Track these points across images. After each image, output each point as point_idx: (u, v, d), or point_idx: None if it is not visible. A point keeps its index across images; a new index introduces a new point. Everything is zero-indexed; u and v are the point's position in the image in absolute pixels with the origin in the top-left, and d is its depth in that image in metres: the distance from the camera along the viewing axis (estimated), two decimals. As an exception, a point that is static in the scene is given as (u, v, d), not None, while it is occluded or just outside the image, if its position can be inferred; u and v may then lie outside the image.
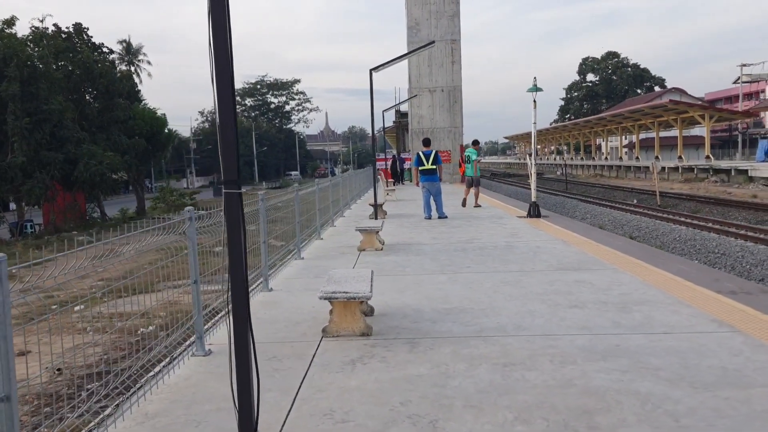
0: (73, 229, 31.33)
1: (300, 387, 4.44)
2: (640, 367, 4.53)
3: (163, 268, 5.15)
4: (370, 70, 14.03)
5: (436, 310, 6.46)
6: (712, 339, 5.13)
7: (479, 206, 18.47)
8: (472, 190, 18.61)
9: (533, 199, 15.38)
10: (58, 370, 7.33)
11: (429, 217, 15.66)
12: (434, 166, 15.50)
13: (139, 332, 8.12)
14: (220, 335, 5.79)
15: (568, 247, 10.31)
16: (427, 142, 16.33)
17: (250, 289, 7.52)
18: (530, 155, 15.99)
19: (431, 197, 15.72)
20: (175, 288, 6.44)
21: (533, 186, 15.55)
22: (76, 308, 9.09)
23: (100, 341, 8.00)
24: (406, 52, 25.58)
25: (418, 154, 15.96)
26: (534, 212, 15.06)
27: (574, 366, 4.60)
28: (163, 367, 4.89)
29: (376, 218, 14.35)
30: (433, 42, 17.00)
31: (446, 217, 15.62)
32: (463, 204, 18.80)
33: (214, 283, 7.20)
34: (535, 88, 15.04)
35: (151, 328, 7.71)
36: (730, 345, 4.96)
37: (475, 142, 19.67)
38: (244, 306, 2.91)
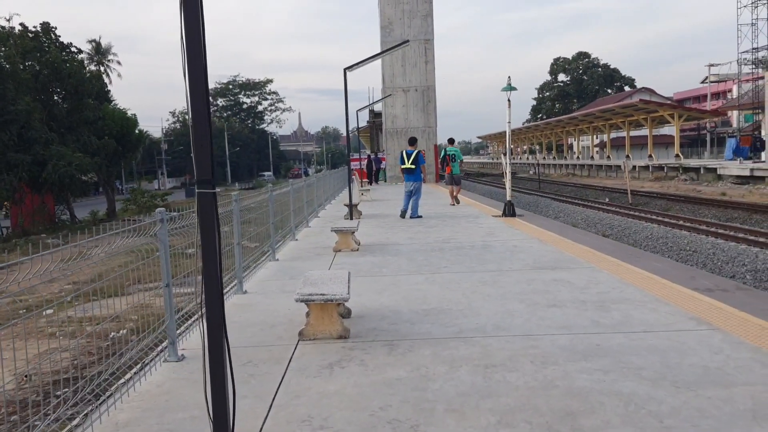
0: (41, 231, 30.70)
1: (276, 393, 4.32)
2: (622, 367, 4.49)
3: (135, 271, 4.99)
4: (344, 69, 13.91)
5: (415, 311, 6.37)
6: (691, 337, 5.11)
7: (454, 204, 18.96)
8: (456, 188, 19.14)
9: (508, 199, 15.38)
10: (26, 376, 7.11)
11: (402, 216, 15.63)
12: (413, 166, 15.55)
13: (110, 336, 7.92)
14: (194, 340, 5.63)
15: (545, 246, 10.31)
16: (411, 141, 16.42)
17: (224, 292, 7.37)
18: (505, 154, 15.99)
19: (410, 195, 15.74)
20: (147, 291, 6.27)
21: (508, 185, 15.56)
22: (45, 312, 8.86)
23: (70, 346, 7.78)
24: (379, 51, 25.48)
25: (401, 153, 16.09)
26: (509, 211, 15.07)
27: (555, 367, 4.54)
28: (135, 374, 4.73)
29: (351, 219, 14.23)
30: (407, 41, 16.95)
31: (420, 217, 15.59)
32: (457, 202, 19.29)
33: (186, 285, 7.03)
34: (510, 87, 15.05)
35: (123, 331, 7.52)
36: (709, 343, 4.95)
37: (451, 141, 19.97)
38: (218, 310, 2.79)
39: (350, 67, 13.83)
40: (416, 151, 15.86)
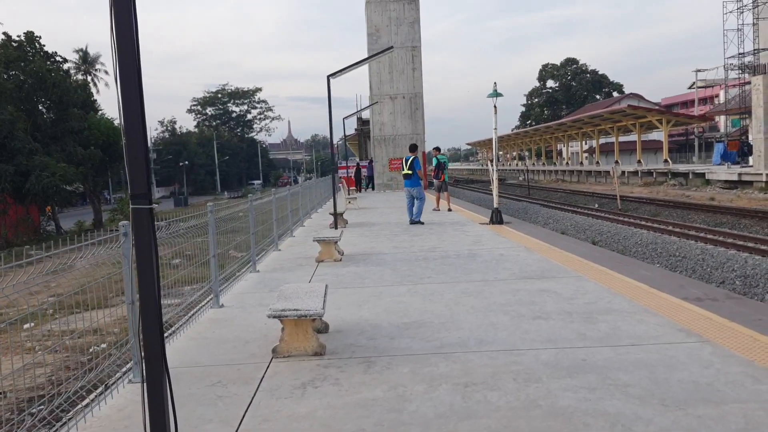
0: (25, 243, 30.27)
1: (244, 416, 4.07)
2: (608, 384, 4.27)
3: (117, 283, 4.75)
4: (328, 77, 13.70)
5: (395, 324, 6.14)
6: (681, 350, 4.91)
7: (438, 210, 19.52)
8: (444, 194, 19.72)
9: (495, 206, 15.20)
10: (2, 393, 6.83)
11: (411, 223, 15.85)
12: (410, 171, 15.85)
13: (91, 350, 7.65)
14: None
15: (531, 255, 10.11)
16: (412, 148, 16.69)
17: (199, 305, 7.11)
18: (491, 161, 15.82)
19: (413, 201, 15.96)
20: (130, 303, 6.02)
21: (495, 192, 15.37)
22: (25, 326, 8.57)
23: (46, 361, 7.50)
24: (364, 58, 25.28)
25: (403, 160, 16.51)
26: (496, 219, 14.88)
27: (539, 384, 4.32)
28: (96, 396, 4.47)
29: (335, 228, 13.99)
30: (392, 47, 16.79)
31: (420, 222, 15.73)
32: (449, 209, 19.67)
33: (170, 296, 6.79)
34: (496, 94, 14.88)
35: (103, 345, 7.26)
36: (699, 356, 4.75)
37: (438, 149, 20.35)
38: (157, 338, 2.53)
39: (334, 74, 13.63)
40: (412, 157, 16.04)
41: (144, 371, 2.67)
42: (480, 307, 6.66)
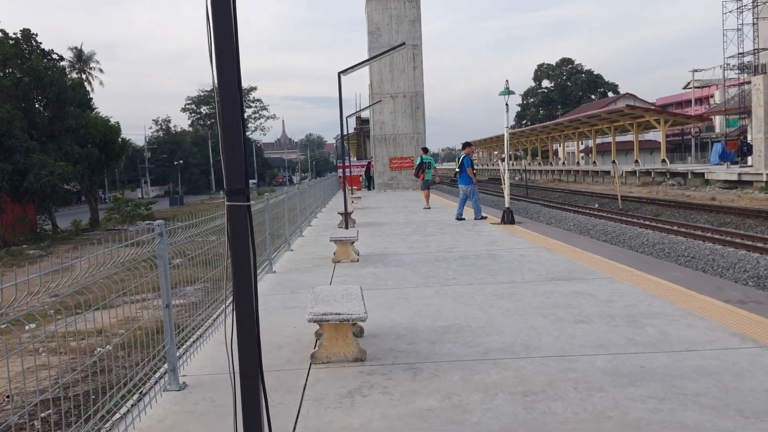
0: (23, 242, 29.88)
1: (294, 428, 3.84)
2: (676, 393, 4.06)
3: (120, 282, 4.51)
4: (339, 73, 13.46)
5: (431, 328, 5.91)
6: (741, 357, 4.70)
7: (429, 208, 20.54)
8: (428, 192, 21.22)
9: (507, 205, 14.99)
10: (7, 396, 6.58)
11: (457, 219, 16.17)
12: (458, 169, 16.14)
13: (96, 353, 7.38)
14: (195, 365, 5.13)
15: (553, 255, 9.90)
16: (464, 146, 16.68)
17: (224, 307, 6.86)
18: (503, 160, 15.61)
19: (465, 198, 16.29)
20: (135, 303, 5.79)
21: (507, 192, 15.17)
22: (27, 327, 8.30)
23: (54, 363, 7.24)
24: (367, 57, 25.07)
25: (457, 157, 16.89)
26: (508, 218, 14.67)
27: (602, 394, 4.10)
28: (132, 406, 4.22)
29: (346, 227, 13.75)
30: (404, 43, 16.55)
31: (484, 218, 16.04)
32: (426, 207, 20.71)
33: (175, 297, 6.52)
34: (508, 91, 14.68)
35: (108, 347, 7.00)
36: (763, 363, 4.54)
37: (425, 150, 22.02)
38: (253, 361, 2.29)
39: (345, 71, 13.39)
40: (462, 155, 16.03)
41: (239, 389, 2.43)
42: (516, 310, 6.44)
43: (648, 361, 4.69)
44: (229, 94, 2.17)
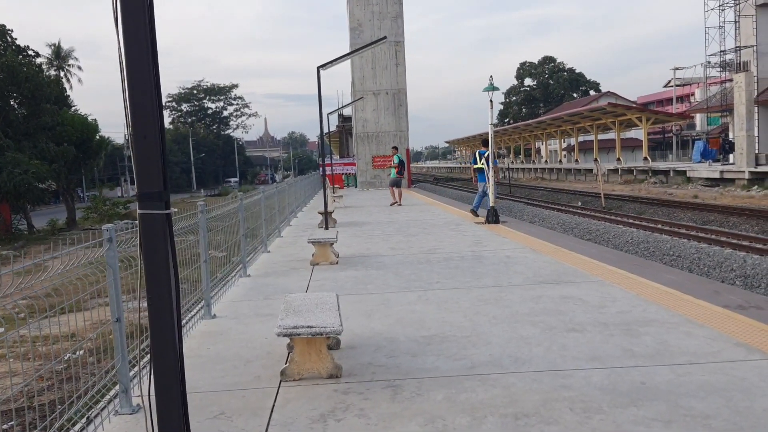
0: (-4, 242, 29.09)
1: (258, 460, 3.39)
2: (682, 415, 3.66)
3: (93, 285, 4.05)
4: (318, 68, 12.99)
5: (413, 338, 5.49)
6: (749, 370, 4.33)
7: (400, 204, 21.56)
8: (398, 190, 22.05)
9: (492, 204, 14.61)
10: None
11: (472, 212, 16.32)
12: (482, 165, 15.92)
13: (65, 358, 6.89)
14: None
15: (540, 256, 9.52)
16: (485, 143, 16.35)
17: (190, 316, 6.39)
18: (487, 158, 15.24)
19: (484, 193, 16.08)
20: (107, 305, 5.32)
21: (491, 190, 14.78)
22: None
23: (19, 370, 6.73)
24: (350, 51, 24.55)
25: (474, 153, 16.83)
26: (493, 218, 14.29)
27: (602, 416, 3.70)
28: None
29: (326, 228, 13.29)
30: (385, 37, 16.11)
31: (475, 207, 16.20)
32: (395, 204, 21.63)
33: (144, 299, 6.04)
34: (492, 87, 14.29)
35: (80, 353, 6.52)
36: (774, 378, 4.17)
37: (396, 149, 23.18)
38: (174, 403, 1.83)
39: (324, 65, 12.92)
40: (486, 152, 15.68)
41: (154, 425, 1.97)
42: (503, 318, 6.03)
43: (648, 376, 4.30)
44: (136, 52, 1.70)
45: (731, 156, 38.91)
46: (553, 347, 5.04)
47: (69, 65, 70.34)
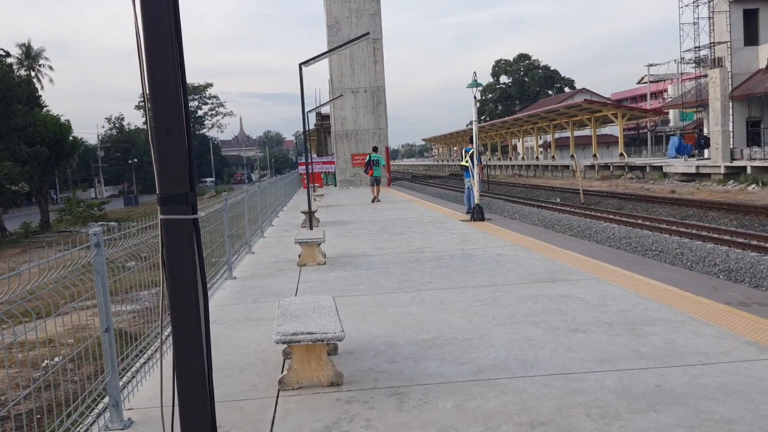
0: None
1: (264, 479, 3.18)
2: (705, 420, 3.52)
3: (68, 288, 3.80)
4: (300, 65, 12.74)
5: (413, 342, 5.30)
6: (764, 370, 4.20)
7: (379, 201, 22.42)
8: (376, 188, 22.90)
9: (477, 202, 14.48)
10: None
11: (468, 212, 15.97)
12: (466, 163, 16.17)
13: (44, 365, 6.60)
14: (144, 394, 4.41)
15: (531, 254, 9.39)
16: (472, 140, 16.10)
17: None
18: (472, 156, 15.10)
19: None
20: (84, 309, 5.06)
21: (476, 188, 14.65)
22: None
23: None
24: (329, 49, 24.27)
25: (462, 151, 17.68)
26: (478, 215, 14.16)
27: (621, 423, 3.54)
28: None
29: (310, 227, 13.05)
30: (368, 33, 15.89)
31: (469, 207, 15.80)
32: (374, 200, 22.47)
33: (127, 302, 5.78)
34: (476, 84, 14.15)
35: (57, 359, 6.24)
36: (791, 378, 4.05)
37: (375, 149, 24.46)
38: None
39: (306, 62, 12.67)
40: (471, 149, 15.61)
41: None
42: (503, 319, 5.86)
43: (662, 379, 4.15)
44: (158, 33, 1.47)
45: (706, 151, 39.32)
46: (560, 349, 4.88)
47: (40, 65, 69.03)
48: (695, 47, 39.89)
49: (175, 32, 1.52)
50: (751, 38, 38.43)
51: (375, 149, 24.49)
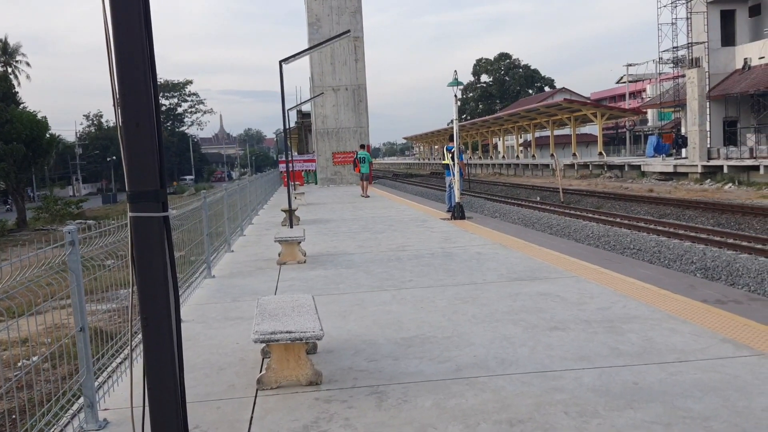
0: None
1: (241, 480, 3.15)
2: (681, 417, 3.54)
3: (45, 287, 3.74)
4: (280, 62, 12.65)
5: (393, 341, 5.28)
6: (740, 367, 4.25)
7: (368, 197, 23.20)
8: (365, 183, 24.08)
9: (457, 200, 14.51)
10: None
11: (448, 210, 15.98)
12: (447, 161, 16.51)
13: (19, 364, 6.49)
14: (120, 394, 4.36)
15: (511, 252, 9.43)
16: (451, 138, 16.15)
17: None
18: (453, 154, 15.13)
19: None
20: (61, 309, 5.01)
21: (457, 186, 14.68)
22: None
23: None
24: (314, 47, 24.18)
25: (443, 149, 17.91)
26: (459, 214, 14.19)
27: (599, 420, 3.56)
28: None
29: (290, 226, 12.98)
30: (349, 31, 15.85)
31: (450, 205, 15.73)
32: (363, 195, 23.45)
33: (106, 300, 5.70)
34: (456, 82, 14.17)
35: (35, 358, 6.13)
36: (767, 375, 4.10)
37: (363, 146, 25.81)
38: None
39: (287, 59, 12.59)
40: (453, 148, 15.51)
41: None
42: (483, 317, 5.87)
43: (640, 376, 4.18)
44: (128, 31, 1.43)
45: (684, 150, 39.76)
46: (538, 347, 4.90)
47: (17, 61, 68.06)
48: (673, 47, 40.32)
49: (145, 26, 1.48)
50: (728, 39, 38.96)
51: (362, 147, 25.95)
